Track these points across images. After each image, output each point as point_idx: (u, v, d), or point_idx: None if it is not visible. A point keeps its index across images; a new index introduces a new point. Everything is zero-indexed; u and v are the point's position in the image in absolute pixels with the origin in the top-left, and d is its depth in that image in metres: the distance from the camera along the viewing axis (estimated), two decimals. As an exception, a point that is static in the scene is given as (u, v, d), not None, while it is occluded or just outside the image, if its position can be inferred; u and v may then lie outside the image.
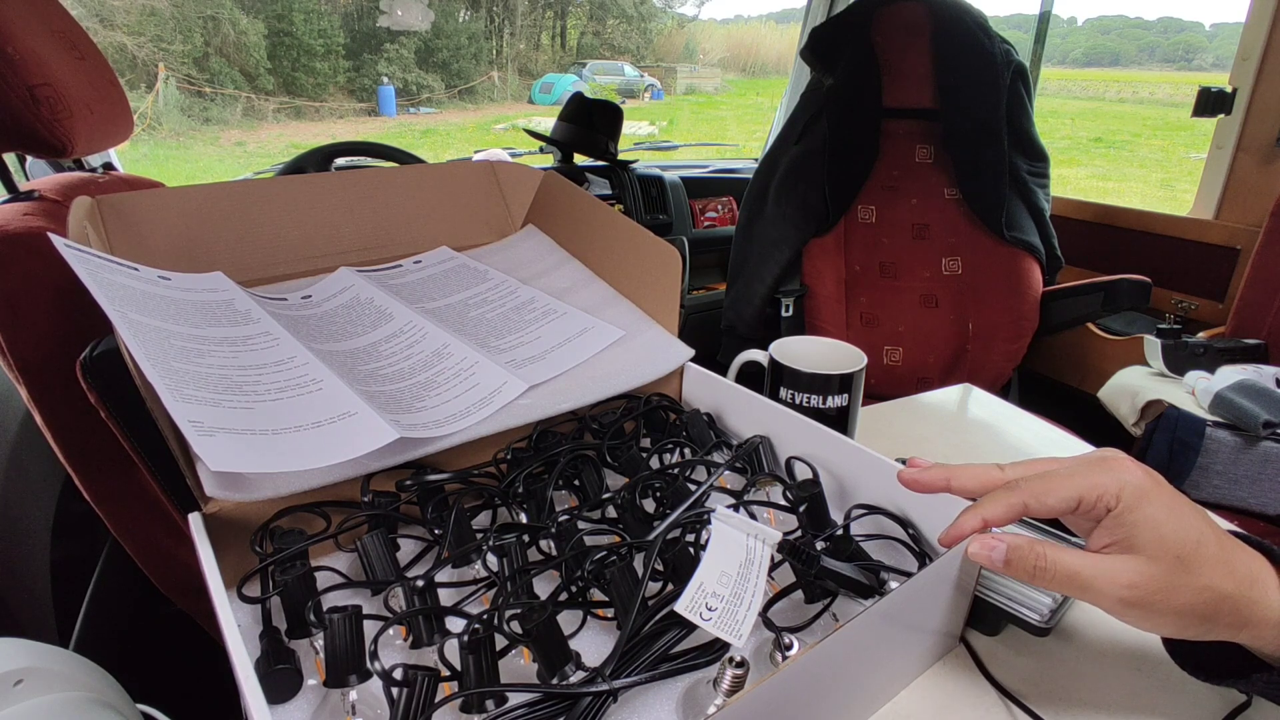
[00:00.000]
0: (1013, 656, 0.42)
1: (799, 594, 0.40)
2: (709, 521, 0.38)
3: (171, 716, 0.43)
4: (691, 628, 0.35)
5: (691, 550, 0.39)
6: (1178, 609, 0.31)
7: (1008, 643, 0.42)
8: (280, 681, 0.34)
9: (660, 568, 0.39)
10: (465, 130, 10.10)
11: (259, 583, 0.39)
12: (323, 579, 0.40)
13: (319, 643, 0.36)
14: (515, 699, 0.31)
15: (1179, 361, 1.05)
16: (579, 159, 1.68)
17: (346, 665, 0.33)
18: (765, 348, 0.60)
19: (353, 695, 0.33)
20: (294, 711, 0.34)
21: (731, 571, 0.35)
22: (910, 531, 0.42)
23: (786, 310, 1.31)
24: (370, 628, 0.34)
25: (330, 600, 0.38)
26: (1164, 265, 1.38)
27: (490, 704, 0.32)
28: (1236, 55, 1.28)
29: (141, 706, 0.42)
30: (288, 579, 0.37)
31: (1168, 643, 0.37)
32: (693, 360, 0.58)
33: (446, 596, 0.39)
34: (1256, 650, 0.33)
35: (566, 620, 0.37)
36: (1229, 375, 0.94)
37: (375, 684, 0.33)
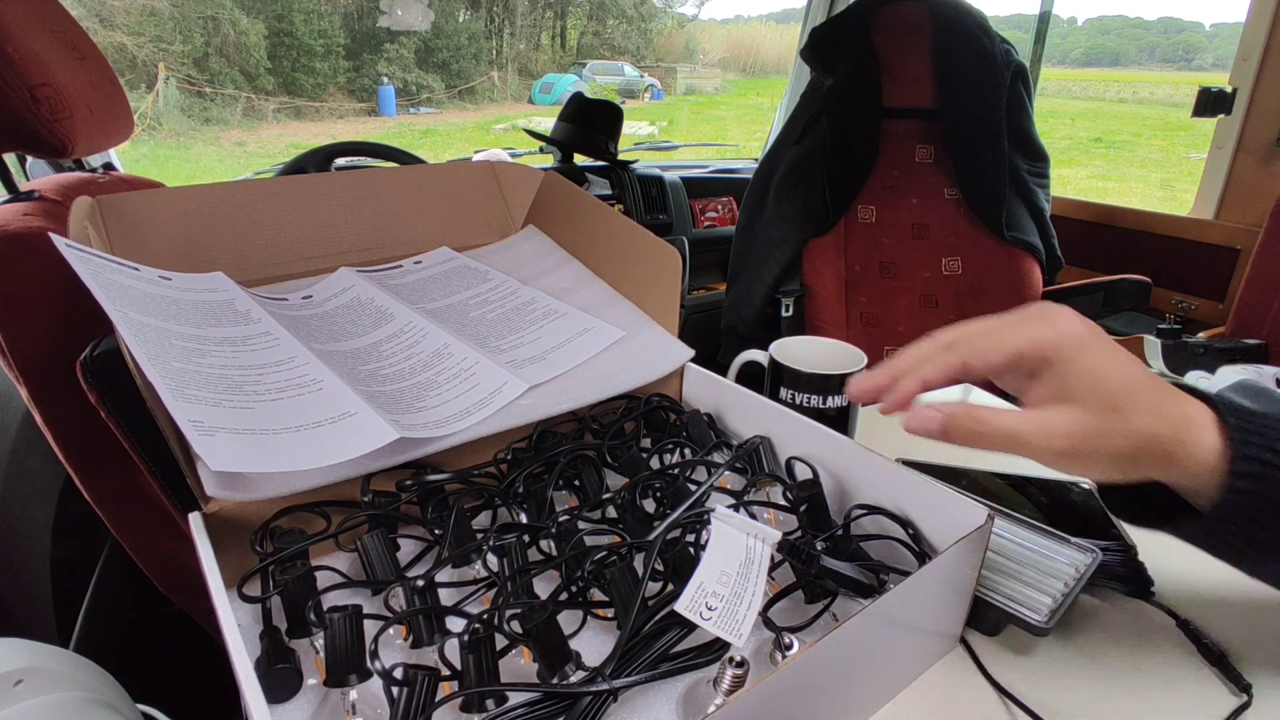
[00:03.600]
0: (1012, 656, 0.42)
1: (799, 594, 0.40)
2: (709, 521, 0.38)
3: (171, 716, 0.43)
4: (691, 628, 0.35)
5: (691, 550, 0.39)
6: (1111, 454, 0.31)
7: (1007, 643, 0.42)
8: (280, 681, 0.34)
9: (660, 568, 0.39)
10: (465, 130, 10.10)
11: (259, 582, 0.39)
12: (323, 579, 0.40)
13: (319, 642, 0.36)
14: (515, 699, 0.31)
15: (1179, 361, 1.05)
16: (579, 159, 1.67)
17: (347, 665, 0.33)
18: (765, 348, 0.60)
19: (353, 695, 0.33)
20: (294, 711, 0.34)
21: (731, 571, 0.35)
22: (910, 531, 0.42)
23: (786, 310, 1.31)
24: (370, 627, 0.34)
25: (330, 600, 0.38)
26: (1164, 265, 1.38)
27: (490, 703, 0.32)
28: (1236, 55, 1.28)
29: (141, 706, 0.42)
30: (288, 578, 0.37)
31: (1101, 487, 0.37)
32: (693, 360, 0.58)
33: (446, 596, 0.39)
34: (1188, 495, 0.34)
35: (566, 620, 0.37)
36: (1229, 375, 0.94)
37: (375, 683, 0.33)
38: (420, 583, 0.37)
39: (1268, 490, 0.31)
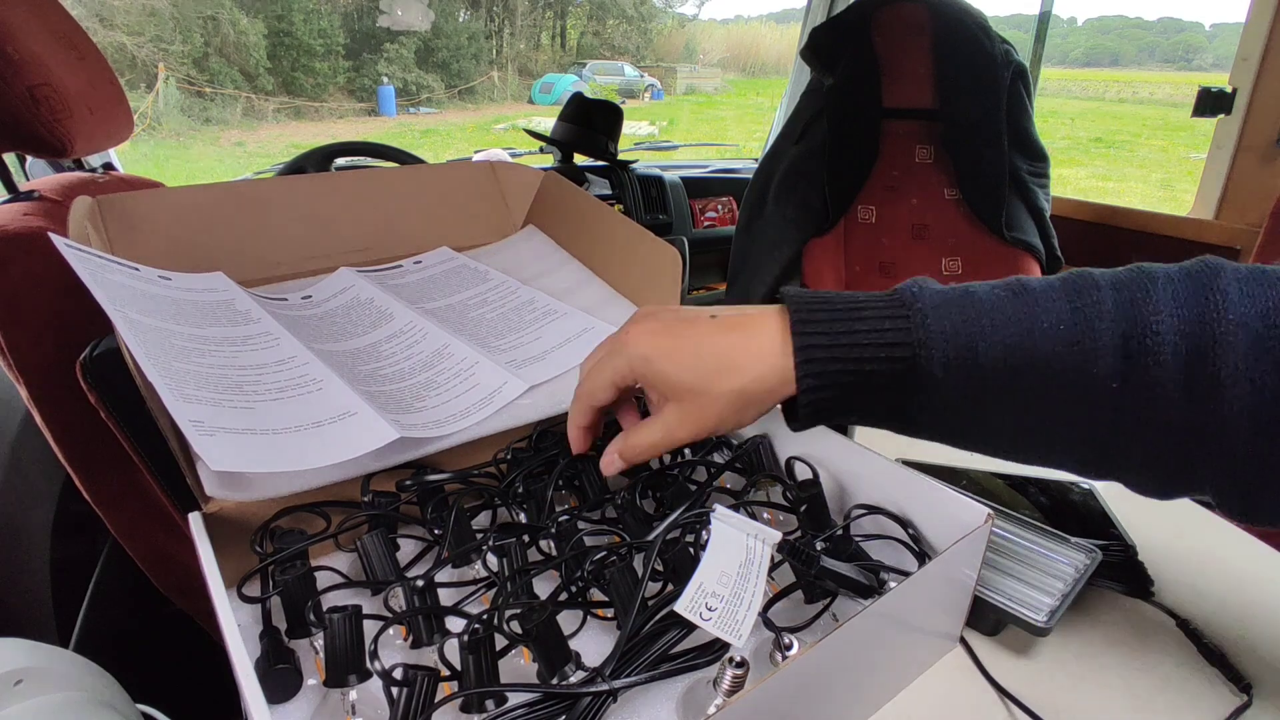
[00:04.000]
0: (1012, 656, 0.42)
1: (799, 594, 0.40)
2: (709, 522, 0.38)
3: (171, 716, 0.43)
4: (691, 628, 0.35)
5: (691, 550, 0.39)
6: (722, 418, 0.36)
7: (1007, 643, 0.42)
8: (280, 681, 0.34)
9: (660, 568, 0.39)
10: (465, 130, 10.11)
11: (259, 582, 0.39)
12: (323, 579, 0.40)
13: (319, 642, 0.36)
14: (515, 699, 0.31)
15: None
16: (579, 159, 1.67)
17: (346, 665, 0.33)
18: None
19: (352, 695, 0.33)
20: (294, 711, 0.34)
21: (731, 571, 0.35)
22: (910, 531, 0.42)
23: (786, 310, 1.31)
24: (370, 627, 0.34)
25: (330, 600, 0.38)
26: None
27: (490, 704, 0.32)
28: (1236, 55, 1.28)
29: (141, 706, 0.42)
30: (288, 578, 0.37)
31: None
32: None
33: (446, 596, 0.39)
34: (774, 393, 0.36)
35: (566, 620, 0.37)
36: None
37: (375, 684, 0.33)
38: (420, 583, 0.37)
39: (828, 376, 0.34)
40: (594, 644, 0.38)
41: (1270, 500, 0.29)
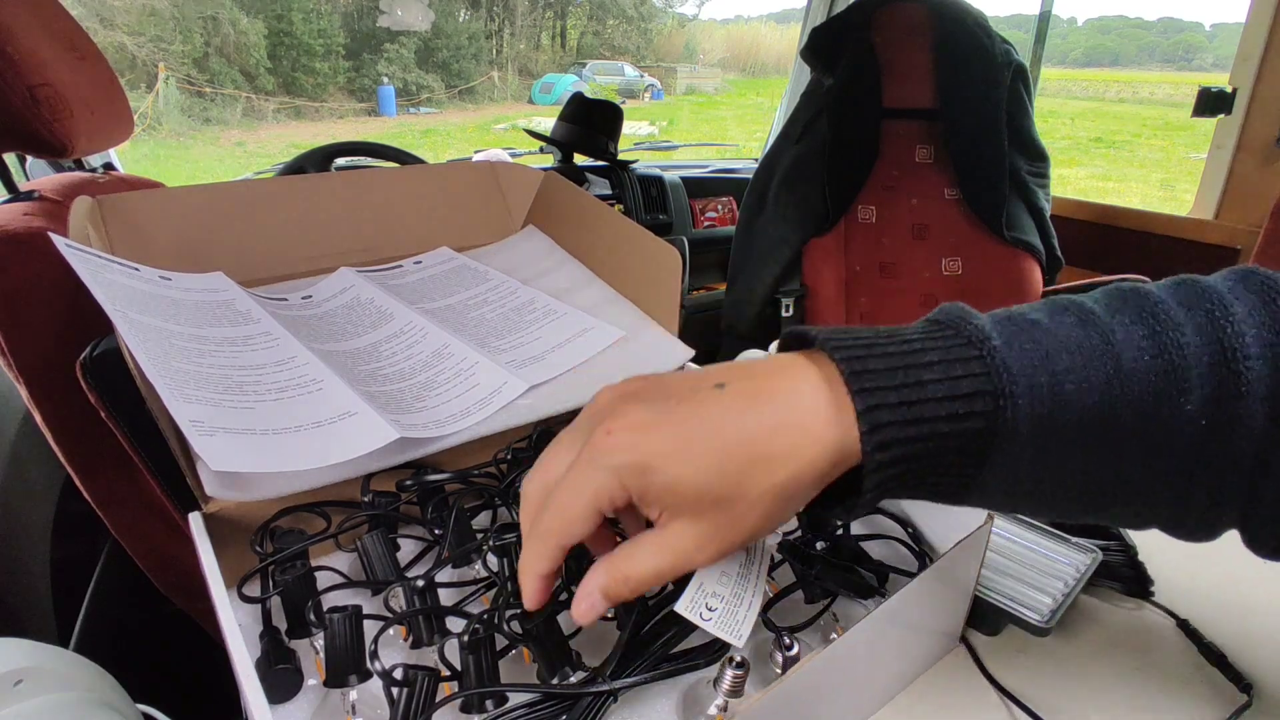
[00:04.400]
0: (1013, 656, 0.42)
1: (799, 594, 0.40)
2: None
3: (171, 716, 0.43)
4: (692, 628, 0.34)
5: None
6: (754, 528, 0.27)
7: (1008, 642, 0.42)
8: (280, 681, 0.34)
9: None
10: (465, 130, 10.10)
11: (259, 582, 0.39)
12: (323, 579, 0.40)
13: (319, 642, 0.36)
14: (515, 699, 0.31)
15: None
16: (579, 159, 1.67)
17: (347, 665, 0.33)
18: (765, 348, 0.60)
19: (353, 695, 0.33)
20: (294, 711, 0.34)
21: (731, 571, 0.35)
22: (910, 531, 0.42)
23: (787, 310, 1.31)
24: (370, 627, 0.34)
25: (330, 600, 0.38)
26: (1164, 265, 1.38)
27: (490, 704, 0.32)
28: (1236, 55, 1.28)
29: (141, 706, 0.42)
30: (288, 578, 0.37)
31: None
32: (693, 360, 0.58)
33: (447, 596, 0.39)
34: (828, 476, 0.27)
35: (566, 620, 0.37)
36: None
37: (375, 684, 0.33)
38: (420, 583, 0.37)
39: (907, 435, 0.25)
40: (594, 644, 0.38)
41: None
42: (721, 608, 0.33)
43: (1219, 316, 0.25)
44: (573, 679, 0.33)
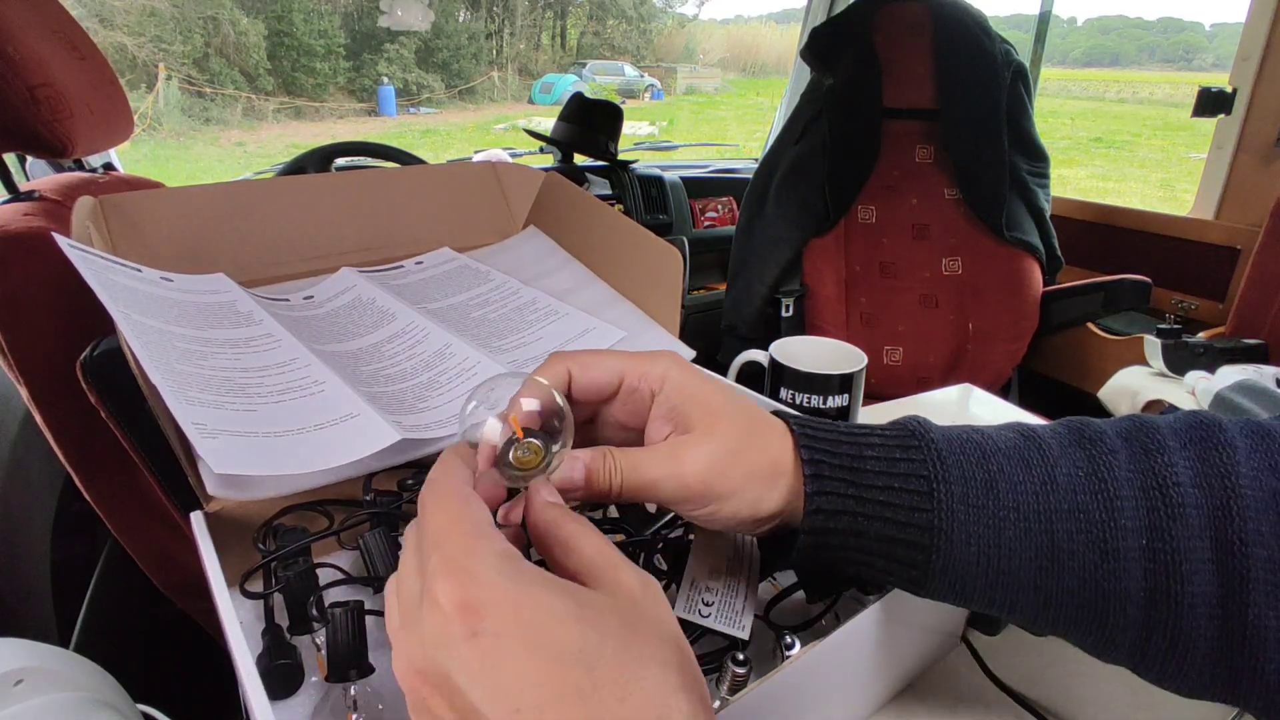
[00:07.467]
0: (1013, 655, 0.42)
1: (800, 594, 0.40)
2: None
3: (171, 716, 0.43)
4: (693, 629, 0.35)
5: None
6: (749, 471, 0.29)
7: (1008, 641, 0.42)
8: (282, 677, 0.34)
9: (663, 566, 0.39)
10: (465, 130, 10.11)
11: (261, 579, 0.39)
12: (325, 576, 0.40)
13: (320, 639, 0.36)
14: (517, 698, 0.31)
15: (1179, 362, 1.05)
16: (579, 159, 1.68)
17: (348, 660, 0.33)
18: (765, 348, 0.60)
19: (354, 690, 0.33)
20: (295, 707, 0.34)
21: (721, 567, 0.35)
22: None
23: (787, 310, 1.31)
24: (372, 623, 0.34)
25: (332, 596, 0.38)
26: (1164, 265, 1.38)
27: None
28: (1236, 55, 1.28)
29: (141, 706, 0.42)
30: (290, 575, 0.37)
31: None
32: (693, 360, 0.58)
33: (448, 596, 0.39)
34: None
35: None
36: (1229, 375, 0.94)
37: (376, 679, 0.33)
38: (421, 582, 0.37)
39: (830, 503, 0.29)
40: (595, 643, 0.38)
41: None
42: (718, 602, 0.33)
43: (1152, 448, 0.28)
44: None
